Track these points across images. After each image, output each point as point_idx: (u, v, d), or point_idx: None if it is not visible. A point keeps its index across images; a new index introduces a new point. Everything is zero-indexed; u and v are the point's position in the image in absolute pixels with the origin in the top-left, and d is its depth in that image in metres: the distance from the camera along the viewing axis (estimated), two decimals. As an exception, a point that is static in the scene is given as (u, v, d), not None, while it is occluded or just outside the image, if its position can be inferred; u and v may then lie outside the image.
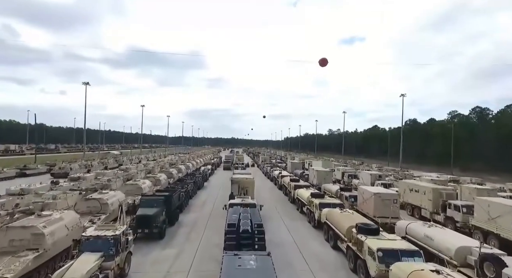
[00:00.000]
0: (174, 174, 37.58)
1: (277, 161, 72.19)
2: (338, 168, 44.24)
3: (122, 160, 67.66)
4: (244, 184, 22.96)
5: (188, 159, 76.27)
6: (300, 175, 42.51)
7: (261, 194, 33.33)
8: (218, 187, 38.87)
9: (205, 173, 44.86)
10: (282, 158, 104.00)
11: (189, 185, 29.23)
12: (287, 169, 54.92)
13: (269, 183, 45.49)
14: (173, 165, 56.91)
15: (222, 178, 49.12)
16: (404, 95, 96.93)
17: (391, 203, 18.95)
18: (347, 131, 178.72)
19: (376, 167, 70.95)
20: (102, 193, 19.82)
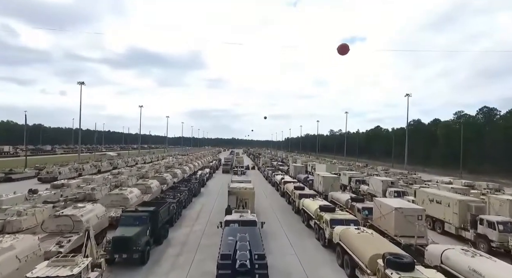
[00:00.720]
0: (168, 180, 34.79)
1: (278, 164, 69.31)
2: (345, 173, 41.36)
3: (117, 163, 64.85)
4: (243, 195, 20.10)
5: (186, 161, 73.59)
6: (303, 180, 39.68)
7: (262, 201, 30.52)
8: (215, 193, 36.04)
9: (202, 178, 42.07)
10: (283, 159, 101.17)
11: (182, 194, 26.42)
12: (289, 172, 52.11)
13: (270, 188, 42.66)
14: (169, 168, 54.25)
15: (220, 182, 46.32)
16: (410, 95, 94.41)
17: (416, 219, 16.09)
18: (348, 132, 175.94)
19: (382, 170, 68.12)
20: (77, 208, 16.98)
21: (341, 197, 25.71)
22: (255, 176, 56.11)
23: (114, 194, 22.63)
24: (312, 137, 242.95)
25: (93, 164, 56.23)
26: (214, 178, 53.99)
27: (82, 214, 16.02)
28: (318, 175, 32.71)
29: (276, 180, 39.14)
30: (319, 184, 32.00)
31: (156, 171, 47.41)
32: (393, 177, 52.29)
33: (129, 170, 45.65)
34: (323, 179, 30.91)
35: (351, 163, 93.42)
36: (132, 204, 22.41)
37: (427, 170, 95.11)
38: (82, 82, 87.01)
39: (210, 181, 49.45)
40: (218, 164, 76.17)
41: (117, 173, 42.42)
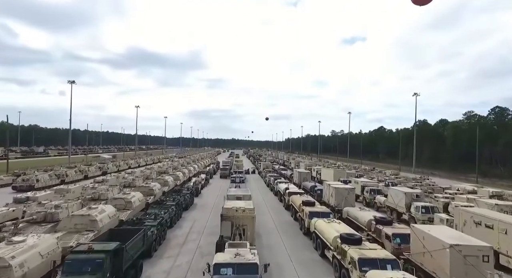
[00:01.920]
0: (156, 190, 30.19)
1: (280, 167, 64.69)
2: (356, 181, 36.75)
3: (107, 167, 60.22)
4: (241, 221, 15.47)
5: (182, 164, 69.06)
6: (310, 189, 35.10)
7: (263, 217, 25.95)
8: (210, 206, 31.46)
9: (196, 186, 37.53)
10: (285, 162, 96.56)
11: (168, 211, 21.89)
12: (292, 178, 47.54)
13: (272, 197, 38.10)
14: (162, 173, 49.78)
15: (217, 190, 41.75)
16: (418, 94, 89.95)
17: (480, 261, 11.55)
18: (351, 132, 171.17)
19: (392, 174, 63.54)
20: (11, 243, 12.38)
21: (360, 215, 21.11)
22: (255, 183, 51.57)
23: (79, 215, 17.96)
24: (313, 138, 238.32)
25: (79, 169, 51.62)
26: (211, 184, 49.43)
27: (13, 255, 11.40)
28: (329, 185, 28.08)
29: (280, 189, 34.58)
30: (330, 196, 27.41)
31: (146, 177, 42.94)
32: (403, 180, 47.90)
33: (115, 177, 41.08)
34: (335, 190, 26.32)
35: (356, 165, 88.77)
36: (102, 228, 17.88)
37: (435, 173, 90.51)
38: (72, 81, 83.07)
39: (206, 188, 44.91)
40: (216, 167, 71.63)
41: (101, 181, 37.86)
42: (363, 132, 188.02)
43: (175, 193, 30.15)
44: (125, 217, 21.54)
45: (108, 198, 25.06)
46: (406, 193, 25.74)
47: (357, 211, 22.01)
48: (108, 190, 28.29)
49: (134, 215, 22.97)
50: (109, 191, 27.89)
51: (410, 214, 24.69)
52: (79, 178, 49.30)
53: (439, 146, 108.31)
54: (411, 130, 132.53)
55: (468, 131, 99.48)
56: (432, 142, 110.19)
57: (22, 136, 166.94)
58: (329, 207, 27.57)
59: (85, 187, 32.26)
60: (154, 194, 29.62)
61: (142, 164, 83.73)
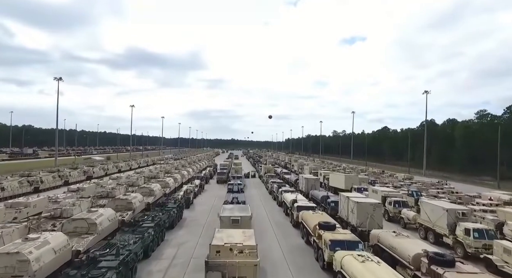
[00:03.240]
0: (135, 204, 24.70)
1: (282, 171, 59.24)
2: (375, 190, 31.27)
3: (93, 171, 54.70)
4: (236, 272, 10.04)
5: (176, 167, 63.64)
6: (322, 200, 29.69)
7: (267, 238, 20.50)
8: (201, 222, 26.02)
9: (187, 196, 32.14)
10: (286, 164, 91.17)
11: (144, 237, 16.50)
12: (298, 184, 42.14)
13: (275, 208, 32.72)
14: (152, 178, 44.43)
15: (212, 199, 36.35)
16: (428, 92, 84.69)
17: None
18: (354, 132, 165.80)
19: (405, 178, 58.07)
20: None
21: (400, 245, 15.61)
22: (256, 189, 46.13)
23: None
24: (314, 138, 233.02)
25: (58, 174, 46.11)
26: (206, 191, 44.01)
27: None
28: (348, 198, 22.62)
29: (285, 200, 29.17)
30: (350, 212, 22.00)
31: (131, 185, 37.50)
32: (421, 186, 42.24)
33: (95, 185, 35.62)
34: (358, 206, 20.89)
35: (363, 168, 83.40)
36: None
37: (446, 175, 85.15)
38: (59, 78, 78.13)
39: (201, 196, 39.50)
40: (213, 170, 66.21)
41: (76, 189, 32.39)
42: (366, 132, 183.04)
43: (159, 207, 24.66)
44: (83, 246, 16.17)
45: (73, 215, 19.78)
46: (448, 210, 20.31)
47: (393, 237, 16.54)
48: (74, 205, 22.86)
49: (97, 242, 17.63)
50: (75, 206, 22.45)
51: (456, 238, 19.28)
52: (58, 184, 43.85)
53: (448, 147, 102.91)
54: (418, 130, 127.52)
55: (480, 132, 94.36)
56: (441, 143, 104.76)
57: (16, 137, 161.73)
58: (348, 225, 22.23)
59: (52, 198, 26.86)
60: (133, 208, 24.18)
61: (134, 166, 78.24)
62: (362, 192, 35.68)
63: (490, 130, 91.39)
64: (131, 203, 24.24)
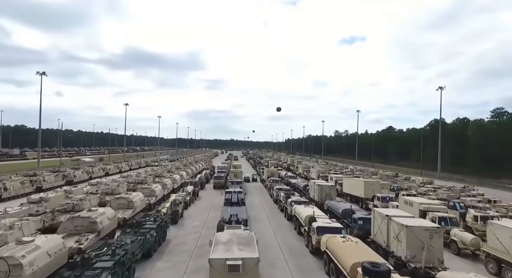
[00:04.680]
0: (100, 224, 18.38)
1: (287, 175, 52.99)
2: (410, 201, 24.90)
3: (73, 175, 48.40)
4: None
5: (169, 170, 57.44)
6: (344, 215, 23.49)
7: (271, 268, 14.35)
8: (191, 245, 19.80)
9: (174, 209, 25.92)
10: (289, 166, 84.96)
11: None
12: (308, 191, 35.93)
13: (285, 225, 26.53)
14: (138, 183, 38.48)
15: (206, 212, 30.11)
16: (443, 88, 78.62)
17: None
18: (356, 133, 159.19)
19: (425, 182, 51.81)
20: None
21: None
22: (258, 197, 39.88)
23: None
24: (315, 138, 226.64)
25: (30, 180, 39.87)
26: (200, 199, 37.80)
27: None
28: (390, 218, 16.44)
29: (298, 215, 23.00)
30: (394, 238, 15.81)
31: (111, 193, 31.34)
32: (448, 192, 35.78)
33: (63, 194, 29.34)
34: (409, 232, 14.68)
35: (373, 170, 77.31)
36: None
37: (461, 178, 79.09)
38: (43, 73, 71.26)
39: (193, 206, 33.28)
40: (210, 173, 59.97)
41: (38, 200, 26.07)
42: (369, 133, 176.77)
43: (132, 228, 18.31)
44: None
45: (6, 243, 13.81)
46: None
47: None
48: (21, 224, 16.74)
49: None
50: (22, 225, 16.42)
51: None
52: (28, 191, 37.57)
53: (461, 147, 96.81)
54: (426, 130, 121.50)
55: (496, 131, 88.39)
56: (453, 143, 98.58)
57: (7, 138, 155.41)
58: (388, 255, 16.04)
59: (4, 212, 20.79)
60: (98, 230, 17.89)
61: (125, 168, 71.96)
62: (387, 201, 29.57)
63: (508, 129, 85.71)
64: (95, 222, 17.99)
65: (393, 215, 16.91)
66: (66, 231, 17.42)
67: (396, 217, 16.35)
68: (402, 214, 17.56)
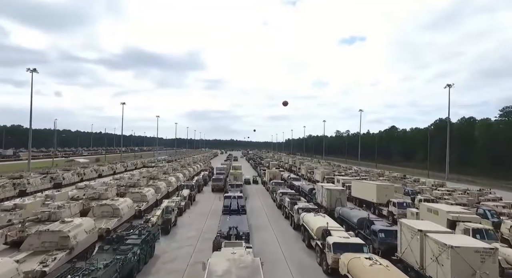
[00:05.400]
0: (73, 239, 15.17)
1: (290, 177, 49.95)
2: (433, 209, 21.71)
3: (62, 177, 45.31)
4: None
5: (165, 171, 54.42)
6: (360, 225, 20.43)
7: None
8: (183, 264, 16.73)
9: (166, 218, 22.85)
10: (291, 167, 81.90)
11: None
12: (314, 195, 32.89)
13: (290, 233, 23.51)
14: (131, 186, 35.50)
15: (204, 217, 27.09)
16: (451, 86, 75.67)
17: None
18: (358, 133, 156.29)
19: (436, 184, 48.72)
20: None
21: None
22: (259, 200, 36.82)
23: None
24: (316, 138, 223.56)
25: (12, 182, 36.82)
26: (197, 204, 34.76)
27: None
28: (425, 235, 13.38)
29: (308, 226, 19.97)
30: (434, 260, 12.76)
31: (97, 197, 28.32)
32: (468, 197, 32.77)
33: (41, 200, 26.21)
34: (454, 254, 11.64)
35: (379, 171, 74.25)
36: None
37: (470, 179, 76.08)
38: (34, 69, 68.24)
39: (189, 212, 30.21)
40: (209, 175, 56.96)
41: (12, 208, 22.97)
42: (370, 133, 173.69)
43: (112, 244, 15.18)
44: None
45: None
46: None
47: None
48: None
49: None
50: None
51: None
52: (9, 196, 34.49)
53: (468, 147, 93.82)
54: (430, 129, 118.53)
55: (505, 131, 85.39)
56: (459, 143, 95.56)
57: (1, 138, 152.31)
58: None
59: None
60: (70, 246, 14.79)
61: (120, 170, 68.86)
62: (405, 208, 26.51)
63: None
64: (67, 238, 14.91)
65: (427, 230, 13.85)
66: (31, 248, 14.66)
67: (433, 233, 13.28)
68: (438, 228, 14.48)
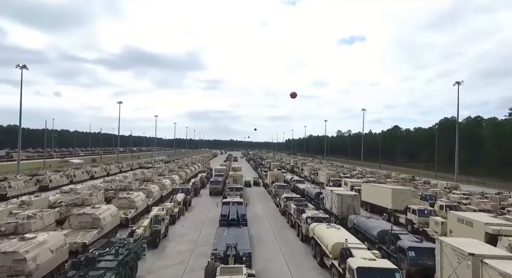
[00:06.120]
0: (31, 262, 12.19)
1: (293, 179, 46.83)
2: (466, 219, 18.56)
3: (49, 180, 42.18)
4: None
5: (161, 173, 51.35)
6: (381, 239, 17.29)
7: None
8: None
9: (155, 230, 19.71)
10: (293, 167, 78.81)
11: None
12: (322, 200, 29.79)
13: (297, 246, 20.40)
14: (121, 190, 32.69)
15: (200, 224, 23.91)
16: (460, 83, 72.56)
17: None
18: (359, 133, 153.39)
19: (449, 187, 45.58)
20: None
21: None
22: (260, 204, 33.60)
23: None
24: (317, 138, 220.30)
25: None
26: (193, 209, 31.60)
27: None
28: (482, 263, 10.27)
29: (322, 241, 16.86)
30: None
31: (80, 203, 25.26)
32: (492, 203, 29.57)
33: (14, 207, 23.16)
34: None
35: (386, 172, 71.13)
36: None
37: (480, 181, 72.98)
38: (23, 66, 65.02)
39: (183, 219, 27.06)
40: (207, 176, 53.87)
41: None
42: (371, 133, 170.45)
43: (80, 269, 12.05)
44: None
45: None
46: None
47: None
48: None
49: None
50: None
51: None
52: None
53: (475, 147, 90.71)
54: (435, 129, 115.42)
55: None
56: (467, 143, 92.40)
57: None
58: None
59: None
60: (26, 274, 11.75)
61: (114, 171, 65.72)
62: (427, 216, 23.42)
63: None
64: (23, 261, 11.83)
65: (482, 254, 10.72)
66: None
67: (494, 261, 10.14)
68: (494, 251, 11.37)
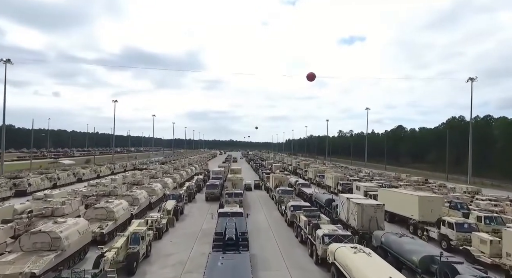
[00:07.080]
0: None
1: (298, 183, 42.56)
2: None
3: (28, 184, 37.95)
4: None
5: (153, 176, 47.27)
6: (425, 268, 13.06)
7: None
8: None
9: (131, 252, 15.52)
10: (296, 169, 74.59)
11: None
12: (335, 210, 25.59)
13: (310, 267, 16.22)
14: (105, 195, 28.59)
15: (191, 240, 19.57)
16: (474, 79, 68.46)
17: None
18: (362, 132, 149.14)
19: (470, 191, 41.35)
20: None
21: None
22: (262, 213, 29.33)
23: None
24: (317, 139, 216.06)
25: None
26: (185, 219, 27.34)
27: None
28: None
29: (346, 267, 12.67)
30: None
31: (49, 213, 21.10)
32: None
33: None
34: None
35: (395, 174, 66.93)
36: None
37: (496, 184, 68.87)
38: (7, 60, 60.95)
39: (172, 232, 22.82)
40: (204, 178, 49.72)
41: None
42: (375, 133, 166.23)
43: None
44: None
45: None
46: None
47: None
48: None
49: None
50: None
51: None
52: None
53: (486, 148, 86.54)
54: (443, 129, 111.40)
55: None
56: (476, 143, 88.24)
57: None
58: None
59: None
60: None
61: (106, 173, 61.50)
62: (469, 231, 19.18)
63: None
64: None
65: None
66: None
67: None
68: None
